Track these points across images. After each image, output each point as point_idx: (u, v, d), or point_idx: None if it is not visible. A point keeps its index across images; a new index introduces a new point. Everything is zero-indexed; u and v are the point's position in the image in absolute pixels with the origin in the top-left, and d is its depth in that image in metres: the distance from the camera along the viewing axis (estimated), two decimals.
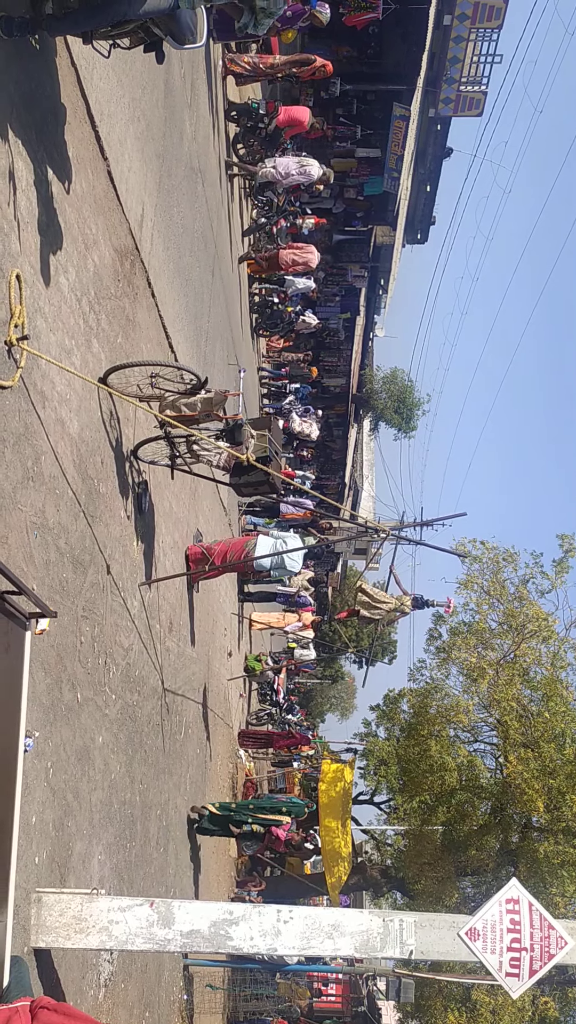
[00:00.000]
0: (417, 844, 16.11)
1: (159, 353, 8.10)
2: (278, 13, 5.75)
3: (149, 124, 7.43)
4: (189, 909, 4.82)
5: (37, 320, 4.81)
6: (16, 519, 4.47)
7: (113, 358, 6.32)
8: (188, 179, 9.41)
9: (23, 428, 4.59)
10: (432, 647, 17.19)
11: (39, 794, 4.72)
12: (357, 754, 21.20)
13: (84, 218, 5.64)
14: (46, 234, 4.89)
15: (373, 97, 24.77)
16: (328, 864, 12.94)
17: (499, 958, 4.82)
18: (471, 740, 16.42)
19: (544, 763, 13.50)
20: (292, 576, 14.61)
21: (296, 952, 4.88)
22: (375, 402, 38.11)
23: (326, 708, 63.23)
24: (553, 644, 15.13)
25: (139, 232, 7.13)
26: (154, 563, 8.01)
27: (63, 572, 5.22)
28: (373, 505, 48.08)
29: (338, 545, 37.05)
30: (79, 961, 5.44)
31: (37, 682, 4.74)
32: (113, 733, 6.33)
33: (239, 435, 7.38)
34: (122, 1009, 6.56)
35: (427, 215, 32.43)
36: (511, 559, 16.05)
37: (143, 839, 7.30)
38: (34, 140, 4.69)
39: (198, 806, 10.18)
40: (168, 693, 8.59)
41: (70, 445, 5.41)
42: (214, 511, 12.57)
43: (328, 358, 34.17)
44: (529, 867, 13.84)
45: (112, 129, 6.23)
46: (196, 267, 10.22)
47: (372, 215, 28.79)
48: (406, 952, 4.83)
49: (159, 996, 8.15)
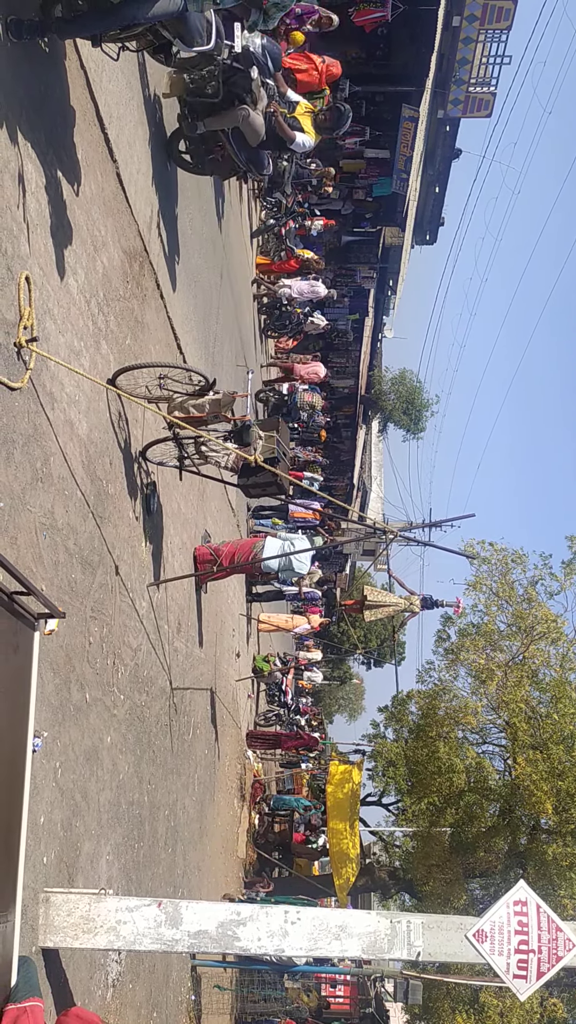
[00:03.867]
0: (425, 846, 16.08)
1: (168, 355, 8.12)
2: (287, 6, 5.76)
3: (158, 126, 7.44)
4: (197, 909, 4.83)
5: (46, 322, 4.83)
6: (25, 520, 4.49)
7: (122, 359, 6.34)
8: (196, 180, 9.43)
9: (32, 429, 4.61)
10: (441, 648, 17.20)
11: (48, 794, 4.74)
12: (365, 755, 21.19)
13: (93, 220, 5.66)
14: (55, 236, 4.91)
15: (382, 99, 24.74)
16: (336, 865, 12.94)
17: (507, 960, 4.81)
18: (479, 742, 16.40)
19: (553, 765, 13.47)
20: (300, 578, 14.64)
21: (303, 953, 4.88)
22: (384, 403, 38.09)
23: (335, 709, 63.21)
24: (562, 646, 15.11)
25: (148, 234, 7.15)
26: (162, 564, 8.03)
27: (72, 573, 5.24)
28: (382, 506, 48.03)
29: (346, 546, 37.03)
30: (87, 961, 5.45)
31: (46, 682, 4.76)
32: (121, 733, 6.35)
33: (247, 436, 7.39)
34: (130, 1009, 6.58)
35: (436, 216, 32.41)
36: (520, 560, 16.03)
37: (151, 839, 7.31)
38: (43, 143, 4.71)
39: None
40: (176, 694, 8.60)
41: (79, 446, 5.43)
42: (222, 512, 12.58)
43: (337, 359, 34.15)
44: (538, 869, 13.81)
45: (121, 132, 6.26)
46: (205, 269, 10.24)
47: (381, 216, 28.76)
48: (413, 954, 4.82)
49: (167, 996, 8.16)
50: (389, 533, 9.35)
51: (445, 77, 24.54)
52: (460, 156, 29.13)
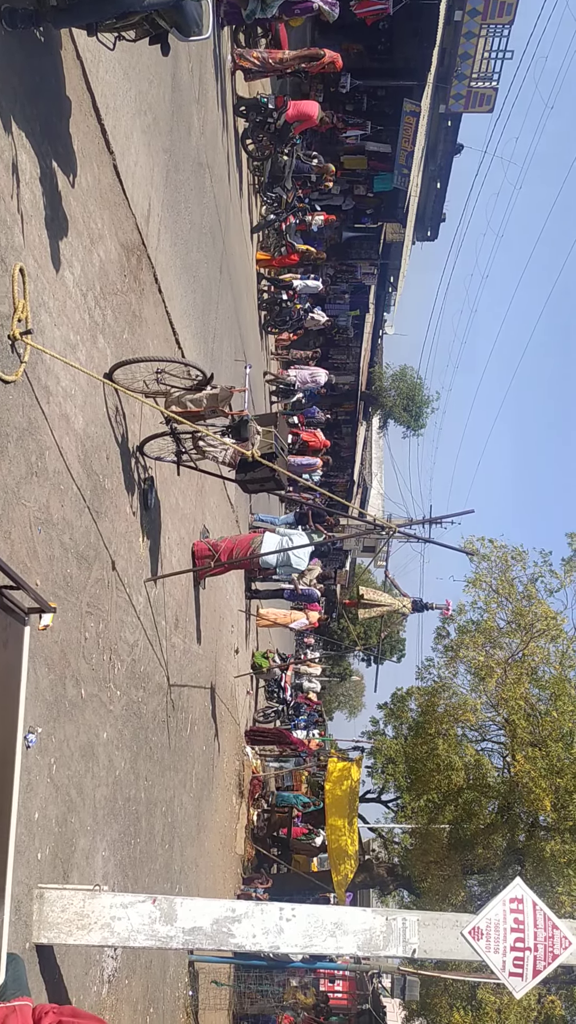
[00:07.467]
0: (424, 842, 16.08)
1: (166, 349, 8.08)
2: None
3: (156, 118, 7.40)
4: (192, 906, 4.81)
5: (41, 315, 4.79)
6: (20, 514, 4.46)
7: (119, 354, 6.30)
8: (196, 174, 9.38)
9: (27, 423, 4.57)
10: (440, 646, 17.17)
11: (42, 790, 4.71)
12: (365, 752, 21.19)
13: (89, 212, 5.61)
14: (50, 228, 4.86)
15: (383, 93, 24.68)
16: (334, 862, 12.93)
17: (502, 958, 4.78)
18: (479, 739, 16.37)
19: (551, 762, 13.45)
20: (299, 574, 14.61)
21: (299, 950, 4.86)
22: (384, 400, 38.04)
23: (334, 706, 63.26)
24: (562, 643, 15.09)
25: (146, 227, 7.10)
26: (160, 559, 7.99)
27: (67, 568, 5.20)
28: (382, 503, 48.00)
29: (347, 543, 37.01)
30: (82, 957, 5.43)
31: (40, 678, 4.73)
32: (118, 729, 6.32)
33: (245, 431, 7.35)
34: (126, 1005, 6.56)
35: (437, 212, 32.33)
36: (520, 557, 15.99)
37: (148, 836, 7.29)
38: (38, 133, 4.67)
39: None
40: (174, 690, 8.57)
41: (75, 440, 5.39)
42: (221, 508, 12.55)
43: (337, 356, 34.11)
44: (536, 866, 13.80)
45: (118, 122, 6.21)
46: (204, 263, 10.20)
47: (382, 212, 28.70)
48: (409, 951, 4.80)
49: (164, 992, 8.15)
50: (388, 529, 9.32)
51: (447, 72, 24.47)
52: (462, 151, 29.05)
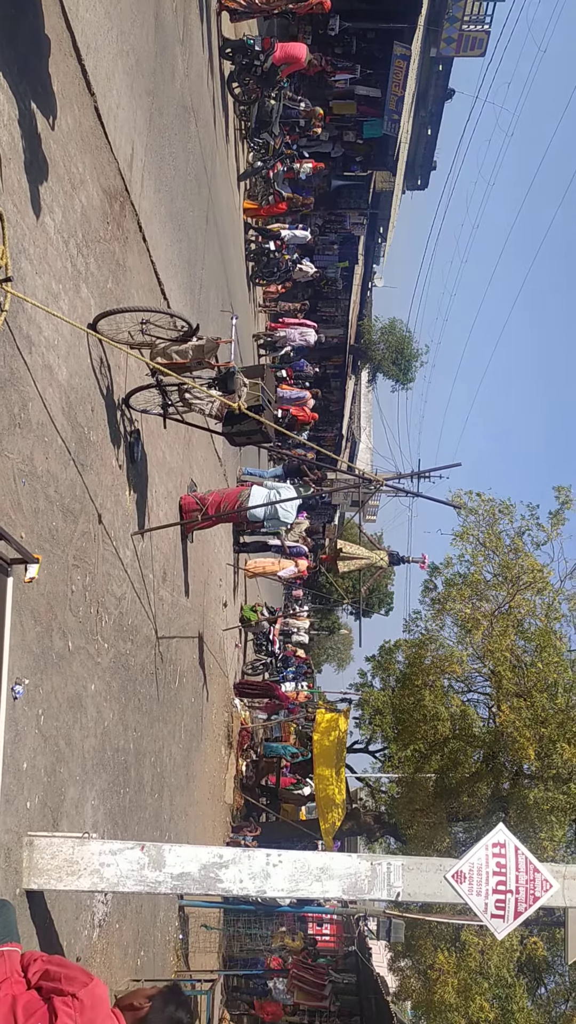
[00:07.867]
0: (410, 791, 16.39)
1: (151, 299, 7.95)
2: None
3: (139, 59, 7.18)
4: (180, 852, 4.88)
5: (21, 262, 4.69)
6: (3, 466, 4.41)
7: (103, 304, 6.19)
8: (181, 118, 9.15)
9: (9, 373, 4.50)
10: (427, 599, 17.29)
11: (30, 740, 4.74)
12: (352, 704, 21.46)
13: (70, 156, 5.47)
14: (30, 172, 4.74)
15: (373, 35, 24.04)
16: (322, 810, 13.18)
17: (484, 900, 4.90)
18: (465, 690, 16.59)
19: (536, 712, 13.66)
20: (287, 527, 14.62)
21: (285, 895, 4.95)
22: (373, 353, 37.80)
23: (323, 659, 63.94)
24: (547, 595, 15.22)
25: (129, 172, 6.94)
26: (147, 513, 7.96)
27: (53, 521, 5.18)
28: (371, 457, 47.98)
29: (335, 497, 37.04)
30: (73, 903, 5.53)
31: (27, 630, 4.73)
32: (106, 681, 6.35)
33: (232, 383, 7.28)
34: (117, 948, 6.70)
35: (428, 160, 31.77)
36: (507, 511, 16.04)
37: (137, 785, 7.38)
38: (16, 73, 4.52)
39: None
40: (162, 642, 8.61)
41: (59, 392, 5.32)
42: (208, 461, 12.49)
43: (326, 308, 33.74)
44: (519, 813, 14.09)
45: (99, 63, 6.02)
46: (190, 211, 10.00)
47: (372, 159, 28.16)
48: (393, 894, 4.90)
49: (154, 936, 8.33)
50: (376, 483, 9.32)
51: (438, 14, 23.85)
52: (453, 96, 28.45)
